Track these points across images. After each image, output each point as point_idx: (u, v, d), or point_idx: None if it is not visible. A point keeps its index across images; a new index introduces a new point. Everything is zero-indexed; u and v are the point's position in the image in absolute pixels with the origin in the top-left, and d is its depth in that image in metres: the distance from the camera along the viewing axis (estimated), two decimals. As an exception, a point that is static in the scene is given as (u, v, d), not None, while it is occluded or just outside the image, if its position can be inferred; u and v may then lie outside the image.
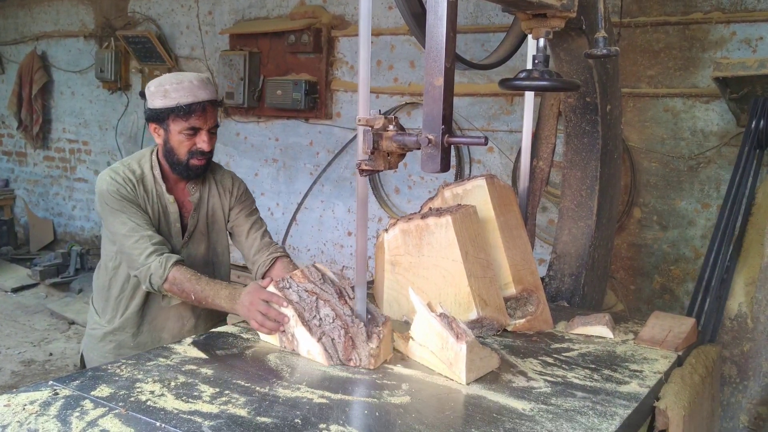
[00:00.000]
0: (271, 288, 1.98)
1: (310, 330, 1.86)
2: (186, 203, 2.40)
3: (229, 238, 2.54)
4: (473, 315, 2.01)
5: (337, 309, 1.86)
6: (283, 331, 1.93)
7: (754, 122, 3.24)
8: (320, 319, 1.87)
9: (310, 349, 1.87)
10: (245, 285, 2.09)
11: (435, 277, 2.08)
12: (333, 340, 1.84)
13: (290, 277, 1.96)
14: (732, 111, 3.63)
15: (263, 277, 2.40)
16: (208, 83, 2.27)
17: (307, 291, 1.92)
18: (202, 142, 2.26)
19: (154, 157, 2.35)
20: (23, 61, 7.62)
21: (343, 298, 1.90)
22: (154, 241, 2.19)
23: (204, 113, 2.24)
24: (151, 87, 2.26)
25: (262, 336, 2.00)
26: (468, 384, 1.74)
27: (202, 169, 2.34)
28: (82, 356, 2.53)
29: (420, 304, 1.85)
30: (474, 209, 2.17)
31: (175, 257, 2.18)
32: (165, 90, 2.22)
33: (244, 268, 5.37)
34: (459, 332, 1.77)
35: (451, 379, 1.76)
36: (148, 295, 2.35)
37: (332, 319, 1.85)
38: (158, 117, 2.25)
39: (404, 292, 2.14)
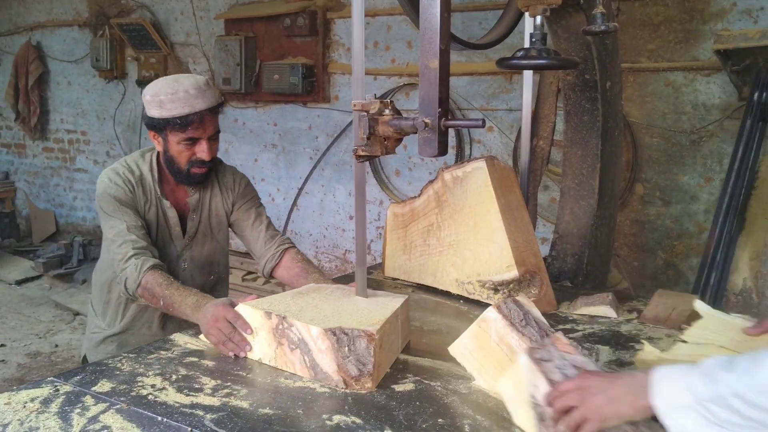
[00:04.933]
0: (244, 308, 1.80)
1: None
2: (186, 206, 2.34)
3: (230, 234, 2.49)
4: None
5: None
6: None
7: (756, 94, 3.20)
8: None
9: None
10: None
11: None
12: None
13: (553, 344, 1.47)
14: (734, 83, 3.59)
15: (271, 275, 2.36)
16: (206, 89, 2.15)
17: (576, 367, 1.41)
18: (201, 152, 2.18)
19: (154, 159, 2.28)
20: (18, 52, 7.57)
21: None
22: (137, 246, 2.11)
23: (202, 123, 2.14)
24: (147, 95, 2.16)
25: (517, 420, 1.45)
26: None
27: (203, 177, 2.26)
28: (84, 357, 2.48)
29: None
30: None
31: (152, 261, 2.08)
32: (160, 101, 2.12)
33: (247, 254, 5.36)
34: None
35: (457, 368, 1.74)
36: None
37: None
38: (155, 126, 2.17)
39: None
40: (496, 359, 1.59)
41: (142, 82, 6.50)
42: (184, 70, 6.29)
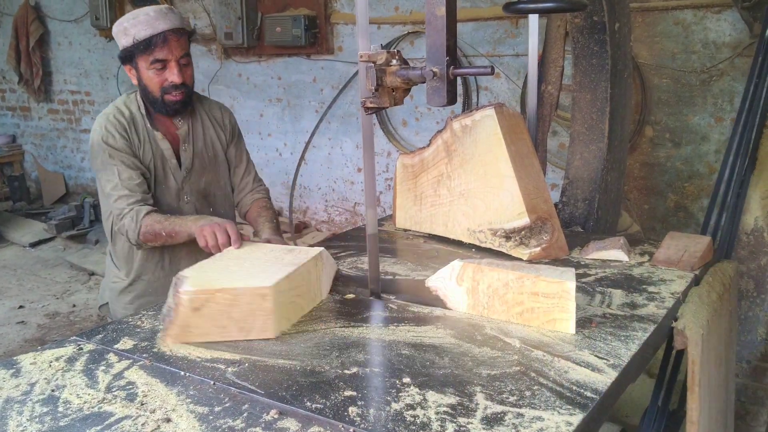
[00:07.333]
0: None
1: None
2: (177, 137, 2.39)
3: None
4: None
5: None
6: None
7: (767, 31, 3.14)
8: None
9: None
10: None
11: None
12: None
13: None
14: (745, 20, 3.52)
15: (244, 217, 2.54)
16: (168, 13, 2.21)
17: None
18: (171, 74, 2.22)
19: (138, 97, 2.34)
20: (17, 13, 7.47)
21: None
22: (130, 201, 2.20)
23: (166, 43, 2.18)
24: (114, 29, 2.24)
25: None
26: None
27: (180, 104, 2.29)
28: (107, 305, 2.53)
29: None
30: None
31: (146, 209, 2.19)
32: (124, 28, 2.19)
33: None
34: None
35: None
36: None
37: None
38: (126, 57, 2.23)
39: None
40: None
41: (144, 40, 6.43)
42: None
